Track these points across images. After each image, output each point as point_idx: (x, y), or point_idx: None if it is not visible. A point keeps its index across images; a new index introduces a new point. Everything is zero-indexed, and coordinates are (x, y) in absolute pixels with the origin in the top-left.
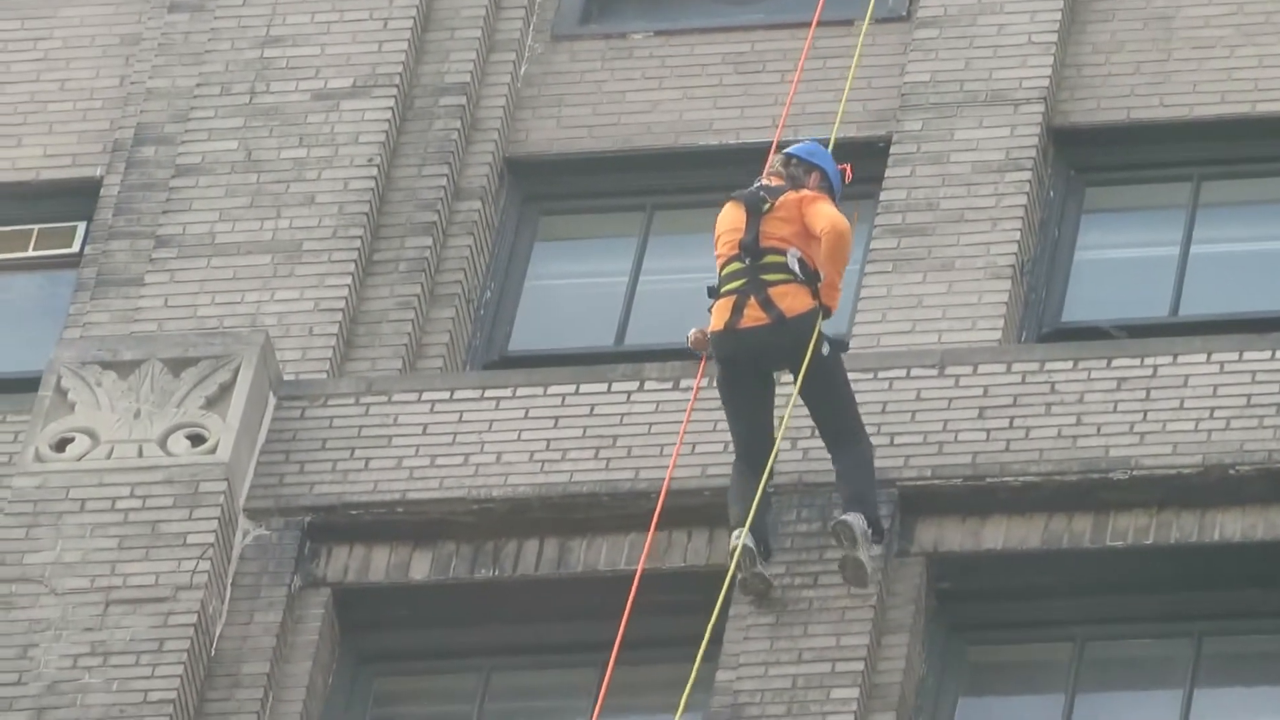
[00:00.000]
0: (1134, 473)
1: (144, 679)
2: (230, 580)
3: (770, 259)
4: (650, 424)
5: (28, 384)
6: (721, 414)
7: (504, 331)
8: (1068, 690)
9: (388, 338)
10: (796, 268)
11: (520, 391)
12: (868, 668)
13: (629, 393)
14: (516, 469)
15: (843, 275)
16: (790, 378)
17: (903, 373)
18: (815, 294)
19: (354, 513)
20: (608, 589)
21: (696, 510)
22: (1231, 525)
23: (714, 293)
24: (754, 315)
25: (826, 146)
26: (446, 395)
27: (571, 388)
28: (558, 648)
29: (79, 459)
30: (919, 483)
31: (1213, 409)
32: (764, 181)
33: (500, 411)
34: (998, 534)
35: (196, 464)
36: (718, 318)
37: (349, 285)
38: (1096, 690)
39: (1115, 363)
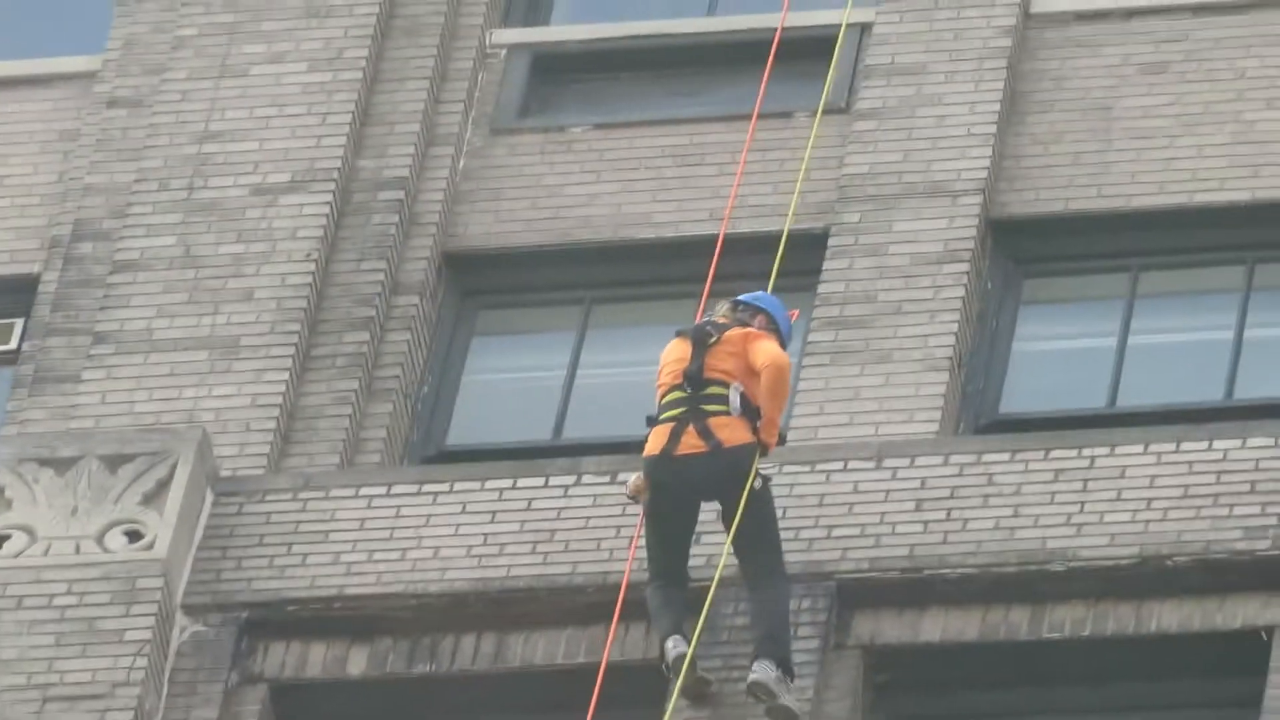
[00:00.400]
0: (1071, 564)
1: None
2: (167, 676)
3: (712, 390)
4: (588, 518)
5: None
6: None
7: (442, 426)
8: None
9: (325, 433)
10: (737, 402)
11: (458, 486)
12: None
13: (566, 487)
14: (454, 564)
15: (782, 412)
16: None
17: (840, 465)
18: (754, 430)
19: (291, 609)
20: (545, 683)
21: (635, 605)
22: (1168, 616)
23: (652, 421)
24: (691, 443)
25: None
26: (384, 490)
27: (509, 482)
28: None
29: (16, 556)
30: (856, 575)
31: (1150, 500)
32: (712, 319)
33: (437, 506)
34: (935, 626)
35: (134, 560)
36: (654, 443)
37: (286, 381)
38: None
39: (1053, 454)
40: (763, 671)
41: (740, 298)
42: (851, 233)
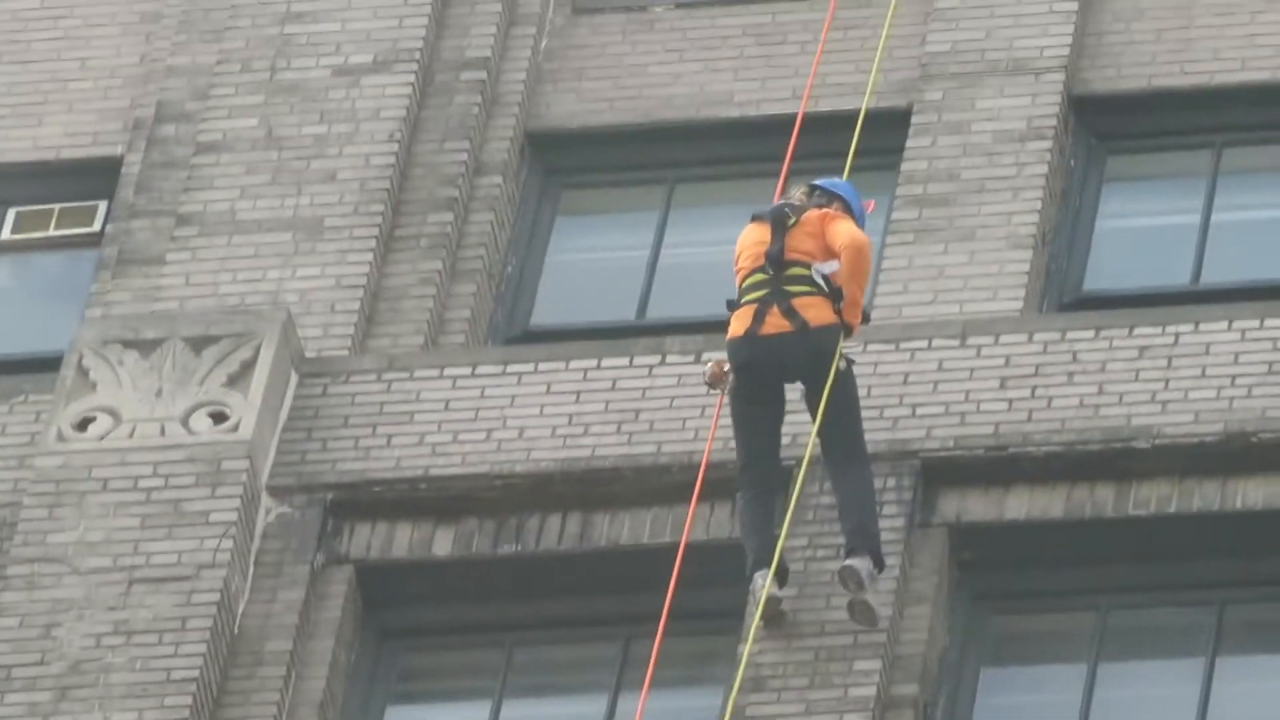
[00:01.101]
0: (1156, 441)
1: (167, 657)
2: (253, 558)
3: (794, 271)
4: (672, 397)
5: (50, 364)
6: None
7: (526, 306)
8: (1090, 659)
9: (409, 313)
10: (820, 280)
11: (542, 366)
12: (890, 639)
13: (650, 366)
14: (539, 444)
15: (864, 292)
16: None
17: (924, 343)
18: (837, 310)
19: (376, 489)
20: (630, 563)
21: (717, 484)
22: (1254, 493)
23: (733, 305)
24: (775, 323)
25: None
26: (468, 371)
27: (593, 362)
28: (581, 622)
29: (101, 438)
30: (941, 453)
31: (1234, 376)
32: (788, 201)
33: (522, 386)
34: (1020, 504)
35: (219, 442)
36: (738, 324)
37: (370, 261)
38: (1119, 659)
39: (1137, 331)
40: (860, 564)
41: (817, 182)
42: (934, 110)
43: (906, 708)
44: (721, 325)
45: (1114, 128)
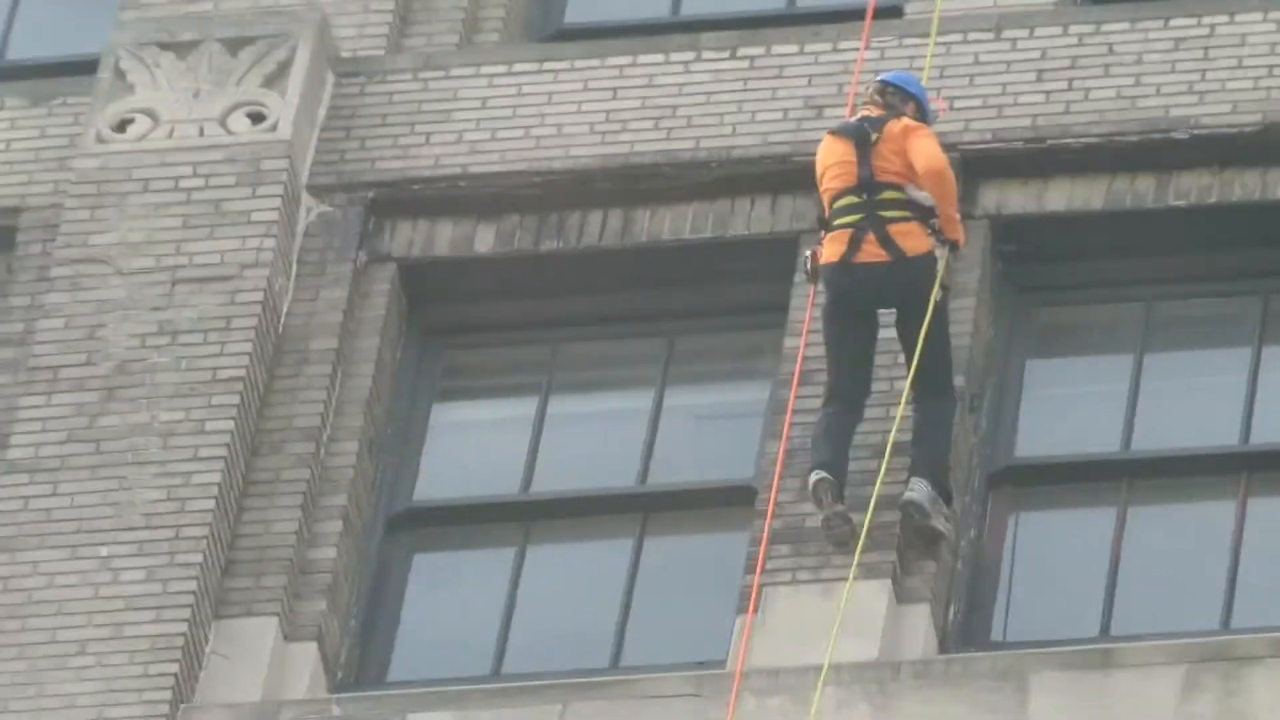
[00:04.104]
0: (1194, 132)
1: (213, 356)
2: (295, 257)
3: (888, 195)
4: (709, 94)
5: (86, 67)
6: (780, 81)
7: (560, 4)
8: (1136, 350)
9: (444, 12)
10: (919, 199)
11: (578, 64)
12: None
13: (686, 63)
14: (577, 141)
15: (955, 206)
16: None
17: (960, 37)
18: (932, 230)
19: (416, 187)
20: (672, 258)
21: (759, 178)
22: None
23: (825, 225)
24: (872, 251)
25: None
26: (505, 69)
27: (629, 59)
28: (624, 318)
29: (140, 139)
30: (980, 145)
31: (1271, 67)
32: (863, 113)
33: (559, 84)
34: (1060, 196)
35: (257, 141)
36: (832, 249)
37: None
38: (1165, 349)
39: (1173, 23)
40: (919, 490)
41: (888, 78)
42: None
43: None
44: (757, 21)
45: None
